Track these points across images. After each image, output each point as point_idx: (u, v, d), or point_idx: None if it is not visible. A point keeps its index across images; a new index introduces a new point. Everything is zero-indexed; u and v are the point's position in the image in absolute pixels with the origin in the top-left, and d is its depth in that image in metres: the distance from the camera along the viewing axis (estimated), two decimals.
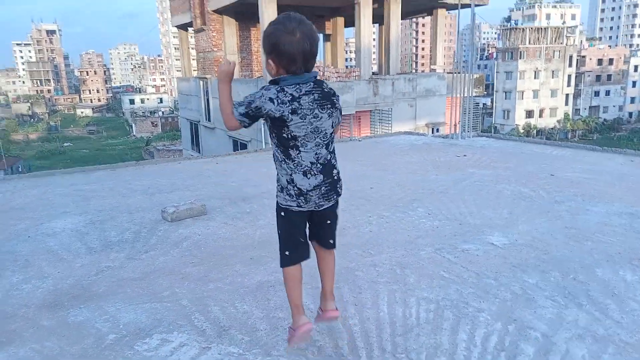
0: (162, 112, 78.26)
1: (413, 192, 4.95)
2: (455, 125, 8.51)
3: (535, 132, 58.60)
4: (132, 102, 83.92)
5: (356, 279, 2.95)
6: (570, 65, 63.51)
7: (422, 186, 5.17)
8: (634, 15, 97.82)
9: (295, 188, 2.08)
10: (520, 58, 61.09)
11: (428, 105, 18.80)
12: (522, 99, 61.89)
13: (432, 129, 19.19)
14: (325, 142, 2.09)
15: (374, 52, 26.63)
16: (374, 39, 20.57)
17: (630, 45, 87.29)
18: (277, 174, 2.14)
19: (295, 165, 2.06)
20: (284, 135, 2.02)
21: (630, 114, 68.96)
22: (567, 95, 64.33)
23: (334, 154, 2.17)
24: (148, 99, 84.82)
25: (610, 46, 76.77)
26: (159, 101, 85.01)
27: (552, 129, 61.01)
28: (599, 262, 3.10)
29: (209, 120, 20.92)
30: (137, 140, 65.21)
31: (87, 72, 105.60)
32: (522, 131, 57.62)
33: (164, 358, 2.18)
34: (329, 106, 2.06)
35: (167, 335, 2.37)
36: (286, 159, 2.07)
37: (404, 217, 4.12)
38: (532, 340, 2.24)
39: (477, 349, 2.19)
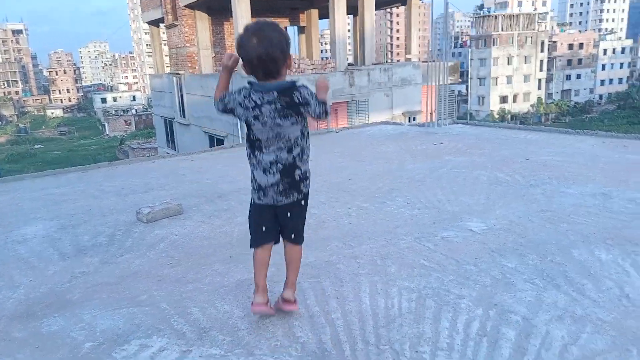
0: (136, 110, 76.96)
1: (391, 182, 4.95)
2: (431, 113, 8.55)
3: (509, 117, 59.48)
4: (104, 100, 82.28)
5: (337, 271, 2.93)
6: (542, 50, 64.59)
7: (400, 176, 5.17)
8: (602, 0, 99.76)
9: (256, 183, 2.32)
10: (493, 45, 61.85)
11: (404, 94, 18.88)
12: (496, 84, 62.74)
13: (409, 117, 19.29)
14: (288, 146, 2.23)
15: (349, 43, 26.55)
16: (348, 30, 20.50)
17: (599, 30, 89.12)
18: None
19: (257, 162, 2.27)
20: (250, 136, 2.25)
21: (601, 96, 70.56)
22: (539, 80, 65.45)
23: (301, 155, 2.29)
24: (120, 97, 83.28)
25: (580, 31, 78.26)
26: (132, 99, 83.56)
27: (525, 113, 62.02)
28: (575, 243, 3.14)
29: (184, 116, 20.64)
30: (110, 139, 64.06)
31: (56, 71, 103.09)
32: (496, 116, 58.43)
33: None
34: (293, 114, 2.17)
35: (146, 340, 2.31)
36: (251, 155, 2.30)
37: (383, 208, 4.11)
38: (513, 324, 2.26)
39: (459, 335, 2.19)
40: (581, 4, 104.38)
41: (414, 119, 19.37)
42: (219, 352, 2.18)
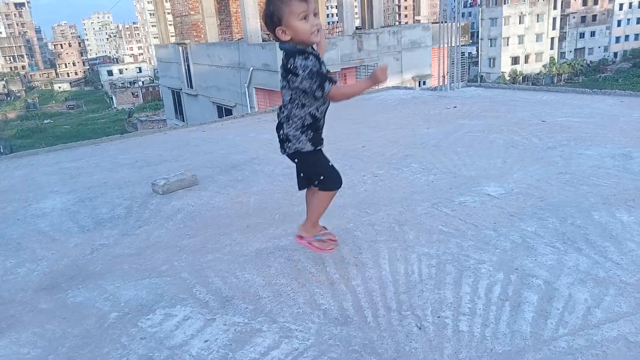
0: (142, 82, 76.59)
1: (405, 147, 4.90)
2: (443, 76, 8.38)
3: (521, 78, 58.40)
4: (110, 73, 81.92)
5: (355, 239, 2.93)
6: (554, 7, 62.75)
7: (414, 141, 5.12)
8: None
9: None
10: (504, 3, 60.10)
11: (414, 57, 18.54)
12: (508, 45, 61.35)
13: (419, 81, 18.99)
14: (282, 105, 2.48)
15: (355, 6, 25.95)
16: None
17: None
18: None
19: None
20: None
21: (615, 54, 68.77)
22: (552, 39, 63.84)
23: (289, 120, 2.47)
24: (126, 69, 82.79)
25: None
26: (138, 71, 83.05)
27: (538, 74, 60.83)
28: (595, 205, 3.11)
29: (191, 87, 20.51)
30: (118, 112, 64.10)
31: (61, 45, 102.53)
32: (508, 78, 57.40)
33: (169, 333, 2.17)
34: (285, 78, 2.34)
35: (170, 309, 2.35)
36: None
37: (398, 174, 4.09)
38: (534, 287, 2.25)
39: (481, 300, 2.20)
40: None
41: (424, 82, 19.07)
42: (242, 320, 2.21)
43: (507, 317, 2.05)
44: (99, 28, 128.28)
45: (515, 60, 62.06)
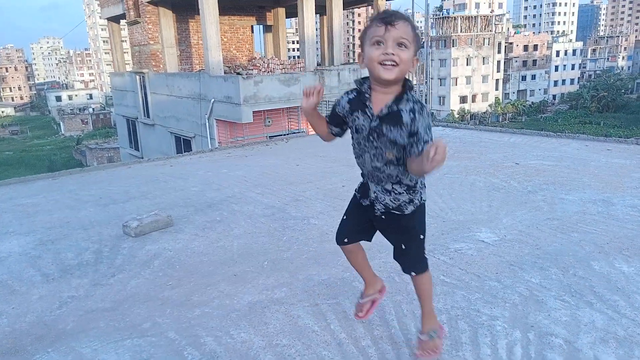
0: (93, 109, 74.19)
1: None
2: None
3: (469, 116, 60.80)
4: (58, 99, 78.91)
5: (355, 291, 2.74)
6: (499, 51, 66.35)
7: None
8: (554, 4, 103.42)
9: None
10: (453, 46, 63.04)
11: None
12: (456, 85, 64.03)
13: None
14: None
15: (316, 42, 26.36)
16: (316, 29, 20.31)
17: (552, 32, 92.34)
18: (420, 179, 2.04)
19: None
20: None
21: (554, 96, 73.17)
22: (497, 80, 67.20)
23: None
24: (76, 96, 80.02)
25: (534, 33, 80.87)
26: (89, 97, 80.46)
27: (484, 113, 63.56)
28: (592, 254, 3.08)
29: (148, 116, 19.95)
30: (66, 139, 61.45)
31: (6, 68, 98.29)
32: (457, 116, 59.59)
33: None
34: None
35: None
36: None
37: None
38: (556, 348, 2.14)
39: None
40: (534, 7, 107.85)
41: None
42: None
43: None
44: (49, 53, 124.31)
45: (463, 99, 64.71)
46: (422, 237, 2.08)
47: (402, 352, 2.17)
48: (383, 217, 2.06)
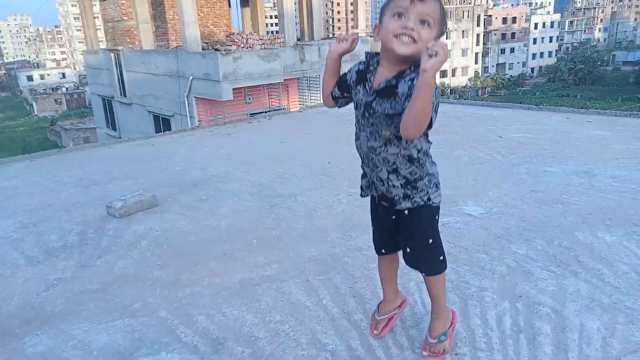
0: (67, 88, 72.25)
1: None
2: None
3: (449, 90, 61.00)
4: (30, 78, 76.53)
5: (346, 266, 2.77)
6: (478, 24, 66.25)
7: None
8: None
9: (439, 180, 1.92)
10: None
11: None
12: None
13: None
14: None
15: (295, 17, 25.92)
16: (295, 2, 19.94)
17: (530, 4, 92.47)
18: (423, 171, 1.80)
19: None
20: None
21: (532, 69, 73.70)
22: (476, 54, 67.34)
23: None
24: (48, 75, 77.68)
25: (512, 5, 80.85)
26: (62, 76, 78.21)
27: (464, 87, 63.80)
28: (576, 225, 3.15)
29: (125, 95, 19.52)
30: (40, 120, 59.93)
31: None
32: None
33: None
34: None
35: (155, 357, 2.07)
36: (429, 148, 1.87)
37: None
38: (544, 317, 2.19)
39: (494, 333, 2.10)
40: None
41: None
42: None
43: (527, 352, 1.97)
44: (17, 30, 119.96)
45: (443, 74, 64.73)
46: (430, 241, 1.86)
47: (394, 324, 2.19)
48: (384, 209, 1.90)
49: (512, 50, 72.98)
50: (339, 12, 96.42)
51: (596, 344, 1.99)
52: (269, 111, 12.86)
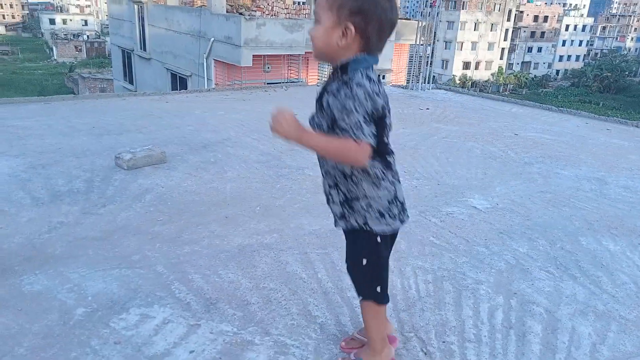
0: (87, 36, 72.08)
1: None
2: (414, 75, 8.34)
3: (470, 84, 60.19)
4: (52, 22, 76.31)
5: (345, 244, 2.76)
6: (508, 19, 64.87)
7: (392, 141, 4.99)
8: None
9: (399, 203, 1.60)
10: (462, 8, 61.48)
11: None
12: (461, 49, 62.92)
13: (379, 75, 18.98)
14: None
15: None
16: None
17: (564, 4, 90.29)
18: (358, 191, 1.57)
19: (394, 174, 1.59)
20: (384, 137, 1.51)
21: (557, 72, 72.39)
22: (502, 49, 66.10)
23: None
24: (71, 20, 77.39)
25: (546, 3, 78.95)
26: (84, 23, 77.92)
27: (486, 81, 62.89)
28: (581, 230, 3.12)
29: (144, 49, 19.42)
30: (58, 65, 59.91)
31: None
32: (458, 82, 58.96)
33: (148, 338, 1.92)
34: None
35: (147, 309, 2.09)
36: (386, 169, 1.56)
37: None
38: (537, 316, 2.19)
39: (485, 326, 2.11)
40: None
41: (383, 77, 19.10)
42: (231, 329, 2.00)
43: (514, 348, 1.97)
44: None
45: (466, 65, 63.79)
46: (364, 264, 1.64)
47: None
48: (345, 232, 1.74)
49: (540, 49, 71.59)
50: None
51: (585, 348, 1.99)
52: (286, 82, 12.76)
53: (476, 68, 64.63)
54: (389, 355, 1.80)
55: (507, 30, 65.89)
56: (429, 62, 8.55)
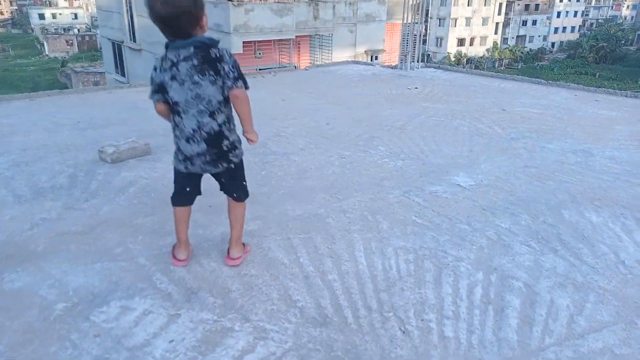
0: (78, 30, 71.38)
1: (370, 128, 4.76)
2: (404, 55, 8.28)
3: (465, 60, 59.74)
4: (41, 17, 75.46)
5: (328, 227, 2.78)
6: None
7: (379, 122, 4.98)
8: None
9: (181, 154, 2.20)
10: None
11: (368, 31, 18.35)
12: (455, 26, 62.31)
13: (372, 56, 18.86)
14: (210, 110, 2.11)
15: None
16: None
17: None
18: None
19: (180, 131, 2.16)
20: (169, 101, 2.12)
21: (553, 44, 71.74)
22: (497, 24, 65.45)
23: (228, 124, 2.18)
24: (60, 14, 76.50)
25: None
26: (74, 17, 77.06)
27: (481, 57, 62.41)
28: (564, 203, 3.13)
29: (134, 40, 19.26)
30: (50, 60, 59.43)
31: None
32: (453, 59, 58.50)
33: (128, 330, 1.93)
34: (212, 73, 2.06)
35: (128, 301, 2.11)
36: (175, 126, 2.18)
37: (366, 157, 3.95)
38: (515, 290, 2.21)
39: (463, 302, 2.12)
40: None
41: (376, 57, 18.96)
42: (211, 317, 2.02)
43: (492, 323, 1.99)
44: None
45: (461, 42, 63.21)
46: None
47: (366, 287, 2.22)
48: None
49: (534, 22, 70.84)
50: None
51: (562, 320, 2.01)
52: (277, 67, 12.67)
53: (471, 44, 64.06)
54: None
55: (500, 4, 65.17)
56: (422, 41, 8.46)
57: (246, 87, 2.12)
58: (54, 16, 75.39)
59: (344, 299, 2.14)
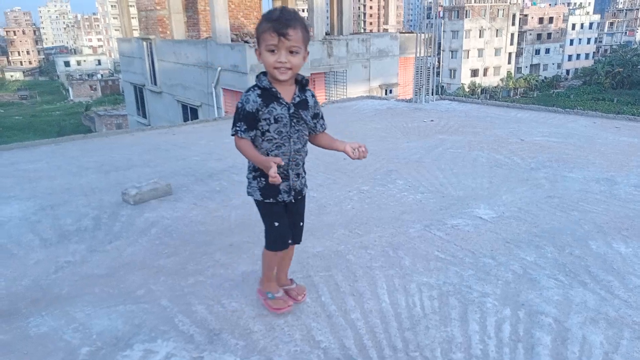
0: (102, 75, 73.93)
1: (388, 161, 4.77)
2: (419, 88, 8.35)
3: (479, 90, 59.93)
4: (67, 64, 78.57)
5: (349, 264, 2.75)
6: (513, 24, 64.84)
7: (396, 155, 5.00)
8: None
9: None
10: (465, 17, 61.62)
11: (381, 66, 18.60)
12: (468, 58, 62.89)
13: (386, 90, 19.06)
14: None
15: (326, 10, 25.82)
16: None
17: (569, 4, 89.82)
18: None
19: None
20: None
21: (568, 71, 71.71)
22: (510, 54, 65.92)
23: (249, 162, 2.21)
24: (85, 61, 79.60)
25: (550, 5, 78.69)
26: (97, 63, 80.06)
27: (495, 87, 62.57)
28: (590, 233, 3.05)
29: (155, 84, 19.83)
30: (75, 105, 61.47)
31: (14, 31, 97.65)
32: (467, 90, 58.77)
33: None
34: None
35: (151, 344, 2.10)
36: None
37: (385, 191, 3.94)
38: (545, 327, 2.14)
39: (492, 340, 2.06)
40: None
41: (390, 91, 19.15)
42: (233, 359, 1.99)
43: None
44: (56, 17, 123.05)
45: (474, 73, 63.65)
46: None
47: (390, 325, 2.18)
48: (298, 199, 2.29)
49: (547, 51, 71.12)
50: (371, 8, 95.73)
51: (597, 358, 1.93)
52: None
53: (484, 74, 64.41)
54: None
55: (512, 34, 65.73)
56: (435, 74, 8.55)
57: (232, 133, 2.07)
58: (78, 63, 78.42)
59: (368, 339, 2.10)
